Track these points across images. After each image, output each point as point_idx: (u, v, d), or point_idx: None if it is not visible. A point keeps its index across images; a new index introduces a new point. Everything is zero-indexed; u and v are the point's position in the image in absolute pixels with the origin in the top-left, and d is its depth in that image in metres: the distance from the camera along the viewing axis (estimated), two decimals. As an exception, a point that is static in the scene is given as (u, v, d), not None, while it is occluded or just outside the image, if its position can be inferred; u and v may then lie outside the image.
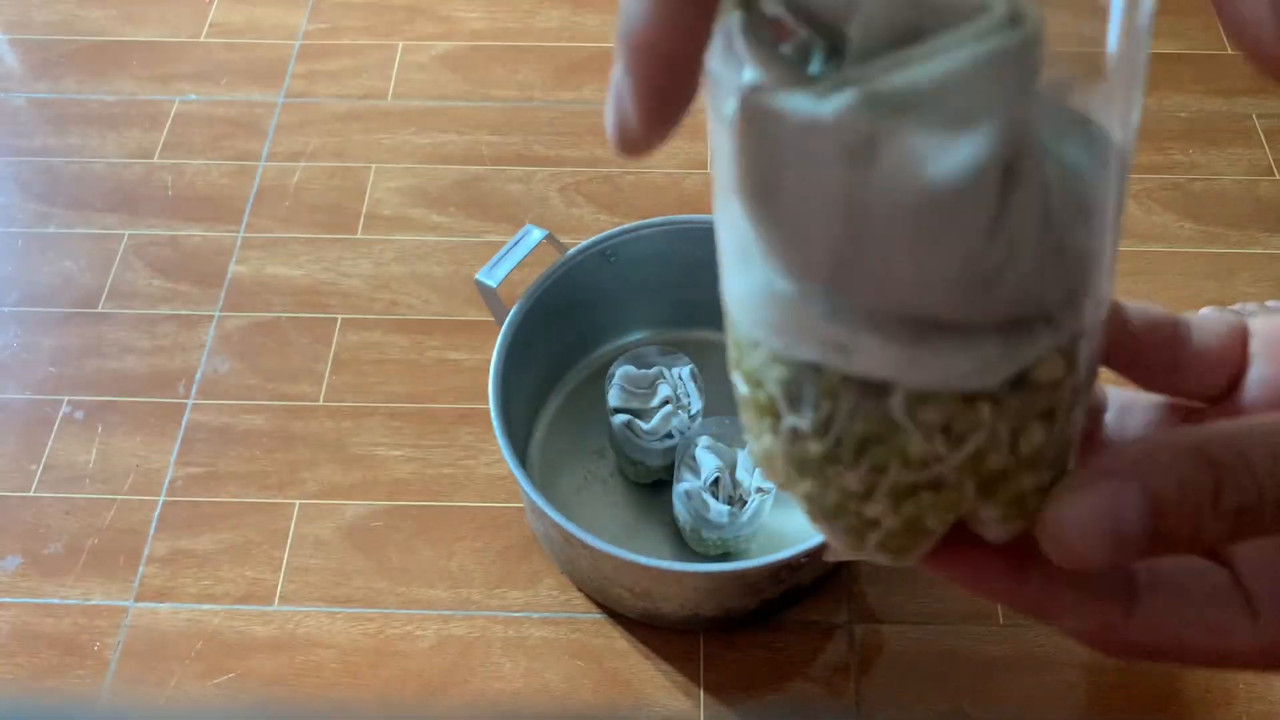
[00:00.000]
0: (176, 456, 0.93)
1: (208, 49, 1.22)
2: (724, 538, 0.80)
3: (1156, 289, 1.02)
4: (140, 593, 0.86)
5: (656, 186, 1.10)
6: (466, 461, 0.92)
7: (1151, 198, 1.08)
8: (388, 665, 0.82)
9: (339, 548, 0.88)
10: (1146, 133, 1.13)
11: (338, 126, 1.15)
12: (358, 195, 1.09)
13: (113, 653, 0.83)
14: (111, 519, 0.89)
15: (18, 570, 0.87)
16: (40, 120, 1.16)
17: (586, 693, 0.81)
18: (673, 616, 0.81)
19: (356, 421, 0.94)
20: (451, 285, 1.03)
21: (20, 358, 0.98)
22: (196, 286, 1.03)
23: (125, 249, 1.05)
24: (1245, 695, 0.80)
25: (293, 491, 0.91)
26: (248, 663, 0.82)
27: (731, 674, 0.82)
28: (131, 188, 1.10)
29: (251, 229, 1.07)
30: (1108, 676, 0.81)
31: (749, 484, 0.80)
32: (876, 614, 0.84)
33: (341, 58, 1.21)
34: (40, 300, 1.02)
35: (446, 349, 0.99)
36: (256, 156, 1.12)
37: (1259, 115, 1.14)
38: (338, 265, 1.04)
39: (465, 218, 1.08)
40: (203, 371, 0.97)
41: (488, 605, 0.85)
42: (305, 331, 1.00)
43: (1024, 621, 0.84)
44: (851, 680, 0.81)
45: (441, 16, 1.25)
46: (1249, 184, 1.09)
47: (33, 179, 1.11)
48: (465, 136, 1.14)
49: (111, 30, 1.24)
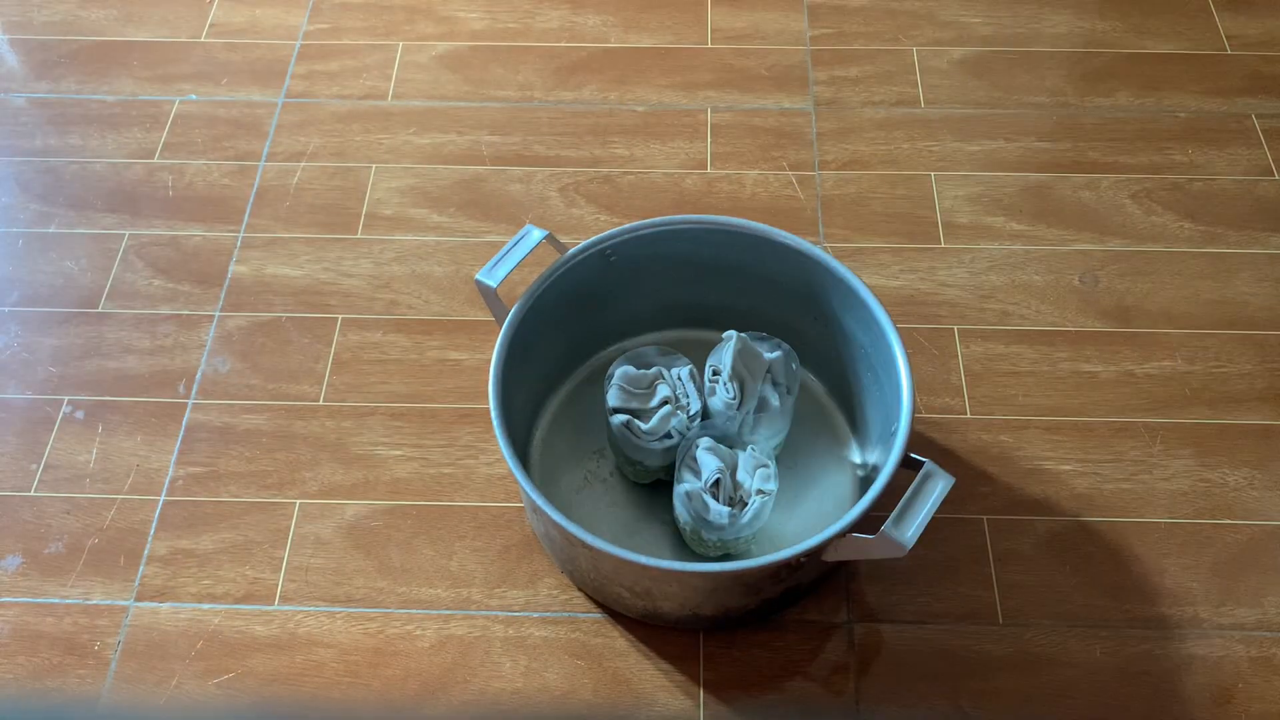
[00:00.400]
0: (177, 456, 0.93)
1: (208, 49, 1.22)
2: (724, 539, 0.80)
3: (1156, 289, 1.02)
4: (140, 592, 0.86)
5: (656, 186, 1.10)
6: (466, 461, 0.92)
7: (1151, 198, 1.08)
8: (388, 665, 0.82)
9: (339, 547, 0.88)
10: (1146, 133, 1.13)
11: (338, 126, 1.15)
12: (358, 195, 1.09)
13: (113, 652, 0.83)
14: (112, 519, 0.89)
15: (18, 570, 0.87)
16: (40, 120, 1.16)
17: (586, 692, 0.81)
18: (673, 616, 0.81)
19: (356, 421, 0.94)
20: (451, 285, 1.03)
21: (20, 358, 0.98)
22: (197, 286, 1.03)
23: (125, 249, 1.06)
24: (1245, 695, 0.81)
25: (293, 491, 0.91)
26: (248, 662, 0.82)
27: (731, 673, 0.82)
28: (132, 188, 1.10)
29: (252, 229, 1.07)
30: (1108, 676, 0.81)
31: (749, 485, 0.80)
32: (876, 614, 0.84)
33: (341, 58, 1.21)
34: (41, 300, 1.02)
35: (446, 349, 0.99)
36: (257, 156, 1.12)
37: (1258, 115, 1.15)
38: (338, 265, 1.04)
39: (465, 218, 1.08)
40: (203, 371, 0.97)
41: (488, 605, 0.85)
42: (305, 331, 1.00)
43: (1024, 621, 0.84)
44: (851, 680, 0.81)
45: (441, 16, 1.25)
46: (1249, 184, 1.09)
47: (33, 179, 1.11)
48: (465, 136, 1.14)
49: (112, 30, 1.24)
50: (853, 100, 1.16)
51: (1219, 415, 0.94)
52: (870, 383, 0.86)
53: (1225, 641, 0.83)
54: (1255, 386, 0.96)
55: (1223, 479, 0.91)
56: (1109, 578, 0.86)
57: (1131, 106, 1.16)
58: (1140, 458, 0.92)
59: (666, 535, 0.86)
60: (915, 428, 0.91)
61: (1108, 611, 0.84)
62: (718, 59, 1.20)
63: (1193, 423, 0.94)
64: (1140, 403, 0.95)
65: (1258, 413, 0.94)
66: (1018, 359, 0.98)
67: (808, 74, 1.19)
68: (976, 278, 1.03)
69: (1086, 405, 0.95)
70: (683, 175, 1.10)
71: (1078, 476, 0.91)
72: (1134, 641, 0.83)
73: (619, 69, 1.20)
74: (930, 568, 0.86)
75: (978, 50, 1.20)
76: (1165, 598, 0.85)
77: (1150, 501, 0.90)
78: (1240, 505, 0.89)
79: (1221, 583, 0.86)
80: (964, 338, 0.99)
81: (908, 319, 1.00)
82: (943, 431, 0.93)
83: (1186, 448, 0.92)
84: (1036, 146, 1.12)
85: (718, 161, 1.11)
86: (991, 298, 1.01)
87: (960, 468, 0.91)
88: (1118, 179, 1.10)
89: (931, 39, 1.21)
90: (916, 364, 0.97)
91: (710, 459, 0.80)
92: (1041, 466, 0.91)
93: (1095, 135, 1.13)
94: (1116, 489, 0.90)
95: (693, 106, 1.16)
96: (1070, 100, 1.16)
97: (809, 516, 0.86)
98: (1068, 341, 0.99)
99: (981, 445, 0.93)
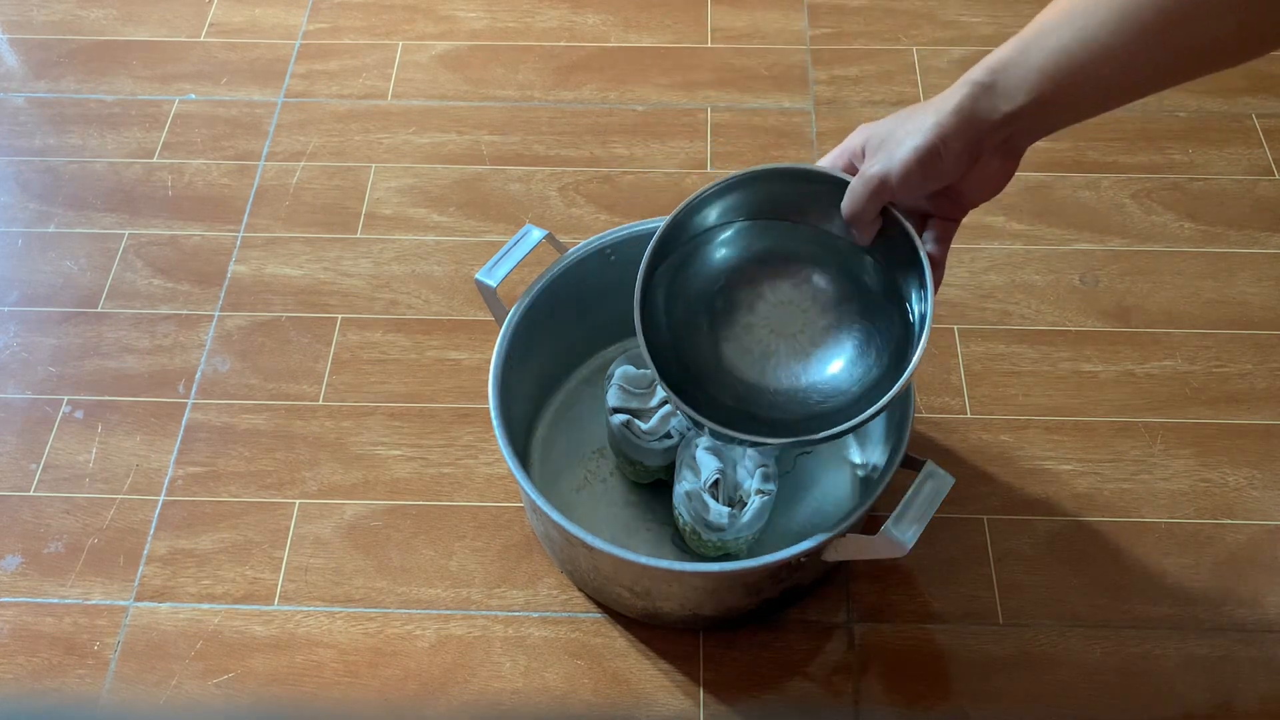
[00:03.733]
0: (176, 456, 0.93)
1: (208, 49, 1.22)
2: (724, 539, 0.80)
3: (1156, 288, 1.02)
4: (140, 592, 0.86)
5: (656, 186, 1.10)
6: (466, 461, 0.92)
7: (1151, 197, 1.08)
8: (388, 665, 0.82)
9: (339, 547, 0.88)
10: (1146, 133, 1.13)
11: (338, 126, 1.15)
12: (358, 195, 1.09)
13: (113, 652, 0.83)
14: (111, 518, 0.89)
15: (18, 570, 0.87)
16: (40, 120, 1.16)
17: (586, 692, 0.81)
18: (673, 616, 0.81)
19: (356, 421, 0.94)
20: (451, 285, 1.03)
21: (20, 357, 0.98)
22: (196, 286, 1.03)
23: (125, 249, 1.05)
24: (1245, 695, 0.80)
25: (293, 491, 0.91)
26: (248, 663, 0.82)
27: (731, 673, 0.82)
28: (131, 187, 1.10)
29: (251, 229, 1.07)
30: (1108, 677, 0.81)
31: (749, 485, 0.80)
32: (876, 614, 0.84)
33: (341, 58, 1.21)
34: (40, 300, 1.02)
35: (446, 349, 0.99)
36: (256, 156, 1.12)
37: (1258, 115, 1.14)
38: (338, 265, 1.04)
39: (465, 218, 1.08)
40: (203, 371, 0.97)
41: (488, 605, 0.85)
42: (305, 331, 1.00)
43: (1024, 621, 0.84)
44: (851, 680, 0.81)
45: (441, 16, 1.25)
46: (1248, 184, 1.09)
47: (33, 179, 1.11)
48: (465, 136, 1.14)
49: (111, 30, 1.24)
50: (853, 100, 1.16)
51: (1219, 415, 0.94)
52: (870, 383, 0.86)
53: (1225, 641, 0.83)
54: (1255, 386, 0.96)
55: (1223, 479, 0.91)
56: (1109, 578, 0.86)
57: (1132, 106, 1.15)
58: (1140, 458, 0.92)
59: (666, 535, 0.86)
60: (915, 428, 0.91)
61: (1108, 611, 0.84)
62: (718, 58, 1.20)
63: (1193, 423, 0.94)
64: (1140, 403, 0.95)
65: (1258, 413, 0.94)
66: (1018, 359, 0.97)
67: (808, 73, 1.19)
68: (976, 277, 1.03)
69: (1087, 405, 0.95)
70: (683, 175, 1.10)
71: (1078, 476, 0.91)
72: (1134, 641, 0.83)
73: (619, 68, 1.20)
74: (930, 568, 0.86)
75: (978, 50, 1.19)
76: (1165, 598, 0.85)
77: (1150, 501, 0.90)
78: (1240, 505, 0.89)
79: (1221, 583, 0.86)
80: (964, 337, 0.99)
81: (908, 319, 1.00)
82: (943, 431, 0.93)
83: (1186, 448, 0.92)
84: (1036, 146, 1.11)
85: (718, 161, 1.11)
86: (991, 297, 1.01)
87: (960, 468, 0.91)
88: (1118, 178, 1.10)
89: (931, 39, 1.21)
90: (916, 364, 0.96)
91: (710, 459, 0.80)
92: (1041, 466, 0.91)
93: (1095, 135, 1.13)
94: (1116, 489, 0.90)
95: (693, 106, 1.16)
96: (1070, 100, 1.16)
97: (809, 516, 0.86)
98: (1068, 341, 0.99)
99: (981, 445, 0.93)
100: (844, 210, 0.67)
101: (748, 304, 0.76)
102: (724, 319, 0.76)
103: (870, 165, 0.64)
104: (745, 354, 0.76)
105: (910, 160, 0.61)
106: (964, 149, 0.61)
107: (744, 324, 0.76)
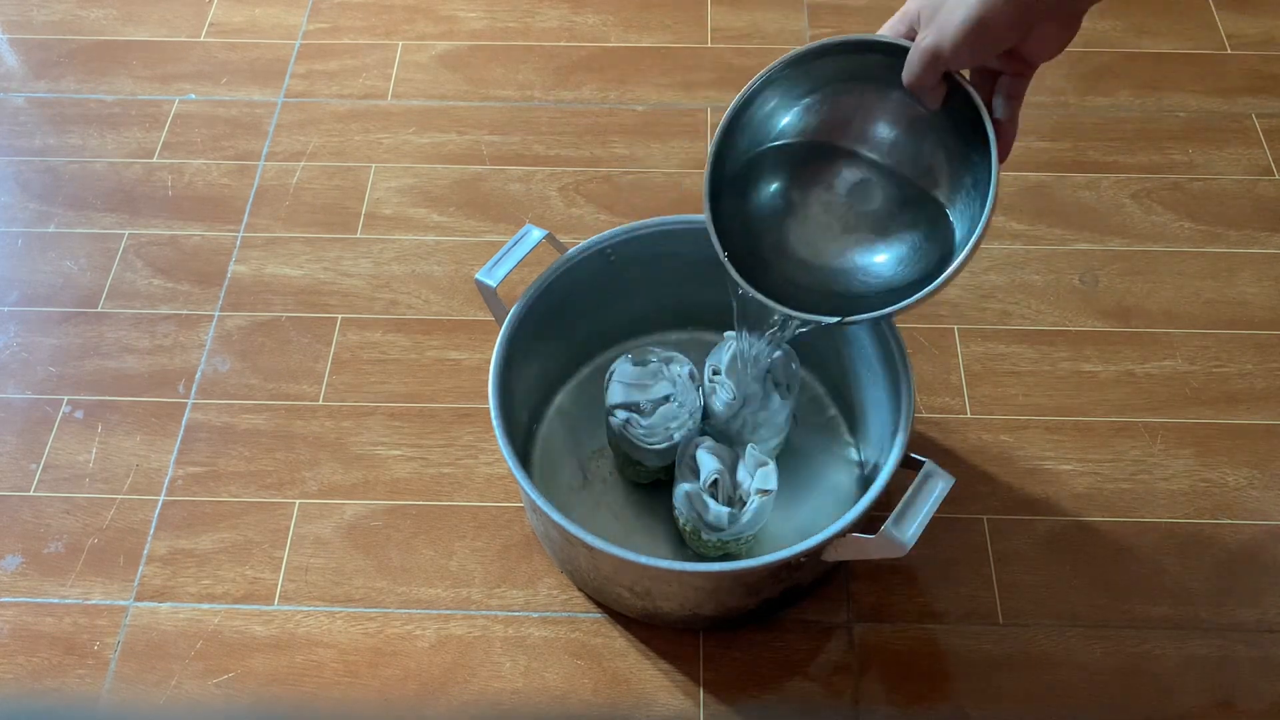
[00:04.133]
0: (176, 456, 0.93)
1: (208, 49, 1.22)
2: (724, 539, 0.80)
3: (1155, 287, 1.02)
4: (140, 592, 0.86)
5: (656, 186, 1.10)
6: (466, 461, 0.92)
7: (1151, 197, 1.08)
8: (388, 665, 0.82)
9: (339, 547, 0.88)
10: (1146, 133, 1.13)
11: (338, 126, 1.15)
12: (358, 195, 1.09)
13: (113, 652, 0.83)
14: (111, 518, 0.89)
15: (18, 570, 0.87)
16: (40, 120, 1.16)
17: (586, 692, 0.81)
18: (673, 616, 0.81)
19: (356, 421, 0.94)
20: (451, 285, 1.03)
21: (20, 358, 0.98)
22: (196, 286, 1.03)
23: (125, 249, 1.05)
24: (1245, 695, 0.80)
25: (293, 491, 0.91)
26: (248, 662, 0.82)
27: (731, 673, 0.82)
28: (131, 187, 1.10)
29: (251, 229, 1.07)
30: (1108, 676, 0.81)
31: (749, 485, 0.80)
32: (876, 614, 0.84)
33: (341, 58, 1.21)
34: (40, 300, 1.02)
35: (446, 349, 0.99)
36: (256, 156, 1.12)
37: (1258, 115, 1.14)
38: (338, 265, 1.04)
39: (465, 218, 1.08)
40: (203, 371, 0.97)
41: (488, 605, 0.85)
42: (305, 331, 1.00)
43: (1024, 621, 0.84)
44: (851, 680, 0.81)
45: (441, 16, 1.25)
46: (1248, 184, 1.09)
47: (33, 179, 1.11)
48: (465, 136, 1.14)
49: (111, 30, 1.24)
50: (853, 100, 1.16)
51: (1219, 415, 0.94)
52: (870, 382, 0.86)
53: (1225, 641, 0.83)
54: (1255, 386, 0.96)
55: (1223, 479, 0.91)
56: (1109, 578, 0.86)
57: (1131, 106, 1.16)
58: (1140, 458, 0.92)
59: (666, 535, 0.86)
60: (915, 428, 0.91)
61: (1107, 611, 0.84)
62: (718, 58, 1.20)
63: (1193, 423, 0.94)
64: (1140, 403, 0.95)
65: (1258, 413, 0.94)
66: (1018, 359, 0.97)
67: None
68: (976, 277, 1.03)
69: (1087, 405, 0.95)
70: (683, 175, 1.10)
71: (1078, 476, 0.91)
72: (1134, 641, 0.83)
73: (619, 68, 1.20)
74: (930, 568, 0.86)
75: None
76: (1165, 598, 0.85)
77: (1150, 501, 0.90)
78: (1240, 505, 0.89)
79: (1221, 583, 0.86)
80: (964, 337, 0.99)
81: (908, 319, 0.99)
82: (943, 431, 0.93)
83: (1186, 448, 0.92)
84: (1036, 146, 1.12)
85: (718, 161, 1.11)
86: (991, 297, 1.01)
87: (960, 468, 0.91)
88: (1118, 178, 1.10)
89: (931, 39, 1.21)
90: (917, 364, 0.96)
91: (710, 459, 0.80)
92: (1041, 466, 0.91)
93: (1095, 135, 1.13)
94: (1116, 489, 0.90)
95: (693, 106, 1.16)
96: (1070, 99, 1.16)
97: (809, 516, 0.86)
98: (1068, 341, 0.99)
99: (981, 445, 0.93)
100: (905, 80, 0.66)
101: (823, 181, 0.75)
102: (797, 191, 0.76)
103: (924, 36, 0.64)
104: (812, 226, 0.76)
105: (959, 32, 0.62)
106: (1013, 20, 0.61)
107: (820, 200, 0.76)
